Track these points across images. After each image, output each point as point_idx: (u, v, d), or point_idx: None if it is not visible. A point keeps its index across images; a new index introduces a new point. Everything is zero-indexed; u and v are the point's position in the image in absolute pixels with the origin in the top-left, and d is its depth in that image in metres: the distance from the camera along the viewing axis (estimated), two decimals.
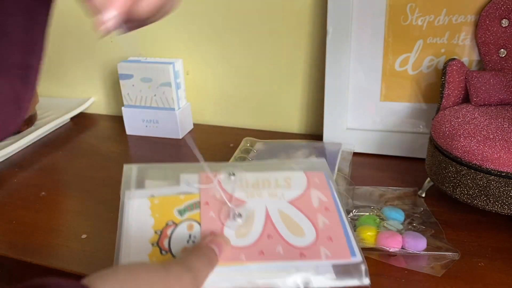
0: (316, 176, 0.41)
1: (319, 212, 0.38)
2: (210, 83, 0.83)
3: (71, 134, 0.84)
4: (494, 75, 0.58)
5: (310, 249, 0.35)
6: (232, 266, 0.33)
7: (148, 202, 0.38)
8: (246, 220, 0.36)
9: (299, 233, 0.36)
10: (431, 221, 0.53)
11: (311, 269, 0.34)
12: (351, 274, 0.34)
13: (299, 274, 0.33)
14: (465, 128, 0.51)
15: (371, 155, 0.70)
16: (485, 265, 0.46)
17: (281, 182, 0.40)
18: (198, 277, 0.30)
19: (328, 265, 0.34)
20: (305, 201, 0.39)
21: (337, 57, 0.68)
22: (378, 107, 0.69)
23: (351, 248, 0.35)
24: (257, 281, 0.33)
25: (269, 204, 0.38)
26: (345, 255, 0.35)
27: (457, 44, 0.63)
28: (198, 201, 0.38)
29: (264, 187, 0.39)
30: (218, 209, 0.37)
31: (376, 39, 0.67)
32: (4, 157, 0.74)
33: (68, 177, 0.69)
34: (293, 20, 0.74)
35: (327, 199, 0.39)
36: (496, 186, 0.47)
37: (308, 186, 0.40)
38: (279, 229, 0.36)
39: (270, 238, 0.35)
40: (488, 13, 0.59)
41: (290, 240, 0.35)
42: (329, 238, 0.36)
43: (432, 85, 0.66)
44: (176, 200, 0.38)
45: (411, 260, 0.47)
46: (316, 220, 0.37)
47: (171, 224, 0.36)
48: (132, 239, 0.35)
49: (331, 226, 0.37)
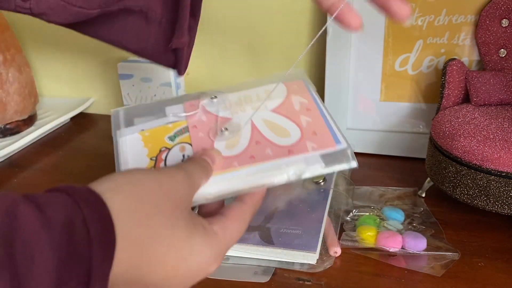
0: (295, 84, 0.42)
1: (301, 113, 0.39)
2: (210, 83, 0.83)
3: (71, 134, 0.84)
4: (494, 75, 0.58)
5: (297, 145, 0.36)
6: (226, 173, 0.35)
7: (139, 136, 0.39)
8: (234, 133, 0.38)
9: (285, 135, 0.37)
10: (431, 221, 0.53)
11: (300, 162, 0.35)
12: (339, 160, 0.35)
13: (290, 168, 0.35)
14: (465, 128, 0.51)
15: (371, 155, 0.70)
16: (485, 265, 0.46)
17: (262, 95, 0.41)
18: (192, 177, 0.31)
19: (316, 156, 0.36)
20: (286, 106, 0.40)
21: (337, 57, 0.68)
22: (378, 107, 0.69)
23: (335, 137, 0.37)
24: (252, 181, 0.34)
25: (253, 116, 0.39)
26: (330, 144, 0.36)
27: (457, 44, 0.63)
28: (186, 126, 0.39)
29: (246, 103, 0.41)
30: (206, 129, 0.39)
31: (376, 39, 0.67)
32: (4, 157, 0.74)
33: (68, 177, 0.69)
34: (293, 20, 0.74)
35: (308, 101, 0.40)
36: (496, 186, 0.47)
37: (288, 93, 0.41)
38: (266, 135, 0.38)
39: (258, 144, 0.37)
40: (488, 13, 0.59)
41: (277, 142, 0.37)
42: (313, 133, 0.37)
43: (432, 85, 0.66)
44: (165, 129, 0.39)
45: (411, 260, 0.47)
46: (299, 121, 0.38)
47: (164, 150, 0.37)
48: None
49: (314, 122, 0.38)
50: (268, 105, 0.40)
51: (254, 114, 0.39)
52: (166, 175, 0.29)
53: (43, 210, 0.22)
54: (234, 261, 0.48)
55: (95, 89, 0.93)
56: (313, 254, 0.46)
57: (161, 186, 0.28)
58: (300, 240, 0.47)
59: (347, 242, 0.49)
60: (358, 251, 0.48)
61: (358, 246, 0.49)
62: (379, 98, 0.69)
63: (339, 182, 0.60)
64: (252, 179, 0.35)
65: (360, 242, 0.49)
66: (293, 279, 0.45)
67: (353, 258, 0.48)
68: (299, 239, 0.47)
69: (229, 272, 0.46)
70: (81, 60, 0.91)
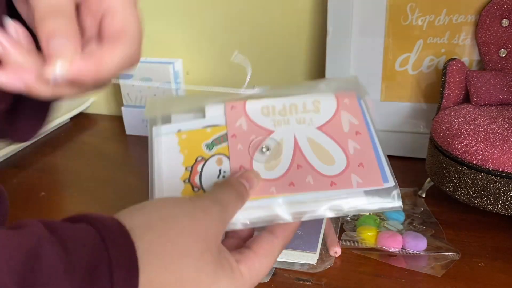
0: (346, 97, 0.39)
1: (349, 137, 0.36)
2: (210, 83, 0.83)
3: (71, 134, 0.84)
4: (494, 75, 0.58)
5: (341, 177, 0.33)
6: (262, 199, 0.33)
7: (176, 138, 0.37)
8: (275, 152, 0.35)
9: (329, 161, 0.35)
10: (431, 221, 0.53)
11: (342, 197, 0.33)
12: (383, 199, 0.33)
13: (330, 203, 0.33)
14: (465, 128, 0.51)
15: None
16: (485, 265, 0.46)
17: (309, 106, 0.38)
18: (227, 210, 0.29)
19: (360, 192, 0.33)
20: (335, 125, 0.37)
21: (337, 57, 0.68)
22: (378, 107, 0.69)
23: (384, 173, 0.34)
24: (288, 213, 0.32)
25: (297, 131, 0.37)
26: (377, 182, 0.33)
27: (457, 44, 0.63)
28: (225, 133, 0.37)
29: (291, 113, 0.38)
30: (246, 141, 0.36)
31: (376, 39, 0.66)
32: (4, 157, 0.74)
33: (68, 177, 0.69)
34: (293, 20, 0.74)
35: (358, 121, 0.37)
36: (496, 186, 0.47)
37: (337, 108, 0.38)
38: (309, 158, 0.35)
39: (299, 168, 0.34)
40: (488, 13, 0.59)
41: (320, 169, 0.34)
42: (360, 164, 0.34)
43: (432, 85, 0.66)
44: (203, 134, 0.37)
45: (411, 260, 0.47)
46: (346, 146, 0.35)
47: (200, 160, 0.35)
48: (164, 178, 0.35)
49: (362, 151, 0.35)
50: (314, 120, 0.37)
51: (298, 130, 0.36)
52: (200, 210, 0.28)
53: (67, 249, 0.21)
54: None
55: None
56: (313, 254, 0.46)
57: (194, 224, 0.26)
58: (300, 240, 0.47)
59: (347, 242, 0.49)
60: (358, 251, 0.48)
61: (358, 246, 0.49)
62: (379, 98, 0.69)
63: None
64: (289, 210, 0.32)
65: (360, 242, 0.49)
66: (293, 279, 0.45)
67: (353, 258, 0.48)
68: (299, 239, 0.47)
69: None
70: None
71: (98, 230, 0.23)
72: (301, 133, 0.36)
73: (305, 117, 0.37)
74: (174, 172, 0.35)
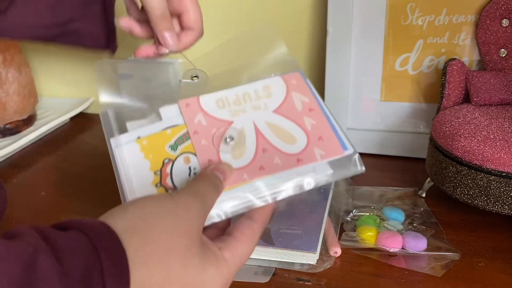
0: (292, 78, 0.41)
1: (304, 115, 0.38)
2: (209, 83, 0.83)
3: (71, 134, 0.84)
4: (494, 75, 0.58)
5: (305, 153, 0.36)
6: (236, 188, 0.34)
7: (137, 145, 0.37)
8: (239, 140, 0.37)
9: (291, 140, 0.37)
10: (431, 221, 0.53)
11: (309, 171, 0.35)
12: (347, 166, 0.36)
13: (301, 178, 0.35)
14: (465, 128, 0.51)
15: (371, 155, 0.70)
16: (485, 265, 0.46)
17: (261, 93, 0.40)
18: (206, 202, 0.31)
19: (325, 164, 0.36)
20: (288, 107, 0.39)
21: (337, 57, 0.68)
22: (378, 107, 0.69)
23: (342, 142, 0.37)
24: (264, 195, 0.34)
25: (255, 118, 0.38)
26: (338, 151, 0.36)
27: (458, 44, 0.63)
28: (186, 131, 0.37)
29: (246, 102, 0.39)
30: (209, 136, 0.37)
31: (376, 39, 0.66)
32: (4, 157, 0.74)
33: (68, 177, 0.69)
34: (293, 20, 0.74)
35: (309, 99, 0.40)
36: (496, 186, 0.47)
37: (287, 90, 0.40)
38: (272, 141, 0.37)
39: (265, 152, 0.36)
40: (488, 13, 0.59)
41: (284, 150, 0.36)
42: (319, 138, 0.37)
43: (433, 85, 0.66)
44: (164, 136, 0.37)
45: (411, 260, 0.47)
46: (303, 124, 0.38)
47: (168, 162, 0.36)
48: (135, 187, 0.35)
49: (319, 125, 0.38)
50: (268, 105, 0.39)
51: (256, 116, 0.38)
52: (182, 207, 0.28)
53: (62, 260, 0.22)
54: None
55: (95, 89, 0.93)
56: (313, 254, 0.46)
57: (177, 222, 0.27)
58: (300, 240, 0.47)
59: (347, 242, 0.49)
60: (358, 251, 0.48)
61: (358, 246, 0.49)
62: (379, 98, 0.69)
63: (339, 182, 0.60)
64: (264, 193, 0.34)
65: (360, 242, 0.49)
66: (293, 279, 0.45)
67: (353, 258, 0.48)
68: (299, 239, 0.47)
69: None
70: (81, 60, 0.91)
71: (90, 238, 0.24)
72: (259, 119, 0.38)
73: (259, 104, 0.39)
74: (143, 179, 0.35)
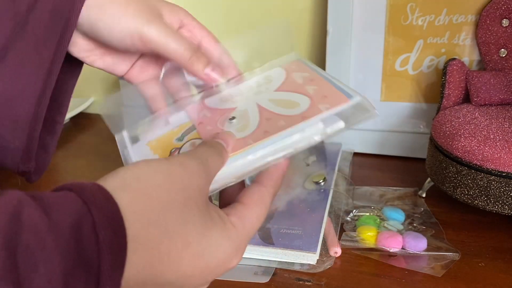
0: (293, 65, 0.41)
1: (306, 84, 0.38)
2: None
3: (71, 134, 0.84)
4: (494, 75, 0.58)
5: (310, 110, 0.34)
6: (243, 152, 0.32)
7: (147, 146, 0.38)
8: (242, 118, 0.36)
9: (295, 106, 0.35)
10: (431, 221, 0.53)
11: (318, 123, 0.33)
12: (357, 113, 0.34)
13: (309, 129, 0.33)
14: (465, 128, 0.51)
15: (371, 155, 0.70)
16: (485, 265, 0.46)
17: (262, 82, 0.40)
18: (207, 164, 0.29)
19: (333, 116, 0.34)
20: (290, 83, 0.38)
21: (337, 57, 0.68)
22: (378, 107, 0.69)
23: (346, 93, 0.35)
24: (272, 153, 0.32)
25: (258, 99, 0.38)
26: (343, 100, 0.34)
27: (458, 44, 0.63)
28: (192, 125, 0.38)
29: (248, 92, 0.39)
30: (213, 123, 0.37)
31: (376, 39, 0.66)
32: None
33: (68, 177, 0.69)
34: (294, 20, 0.74)
35: (309, 74, 0.39)
36: (496, 186, 0.47)
37: (287, 73, 0.40)
38: (275, 111, 0.36)
39: (269, 120, 0.35)
40: (488, 13, 0.59)
41: (289, 113, 0.35)
42: (323, 96, 0.35)
43: (433, 85, 0.66)
44: (172, 133, 0.38)
45: (411, 261, 0.47)
46: (306, 91, 0.37)
47: (175, 151, 0.36)
48: None
49: (321, 88, 0.36)
50: (270, 88, 0.39)
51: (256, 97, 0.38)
52: (177, 165, 0.27)
53: (49, 213, 0.21)
54: None
55: (95, 89, 0.93)
56: (313, 255, 0.46)
57: (171, 178, 0.26)
58: (300, 240, 0.47)
59: (347, 242, 0.49)
60: (358, 251, 0.48)
61: (358, 246, 0.49)
62: (379, 98, 0.69)
63: (339, 182, 0.60)
64: (272, 149, 0.32)
65: (360, 242, 0.49)
66: (293, 279, 0.45)
67: (353, 258, 0.48)
68: (299, 239, 0.47)
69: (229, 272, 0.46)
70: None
71: (78, 194, 0.23)
72: (262, 99, 0.38)
73: (261, 89, 0.39)
74: None
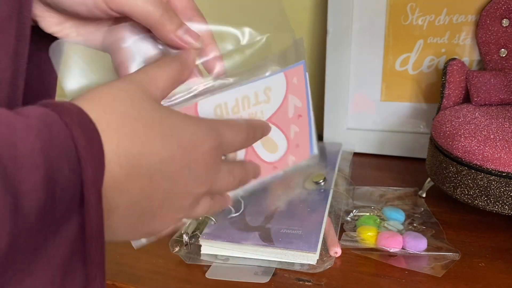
0: (294, 75, 0.40)
1: (292, 122, 0.40)
2: None
3: None
4: (494, 75, 0.58)
5: (281, 161, 0.39)
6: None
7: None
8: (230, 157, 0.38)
9: (274, 149, 0.39)
10: (431, 221, 0.53)
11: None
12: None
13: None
14: (465, 128, 0.51)
15: (371, 155, 0.70)
16: (485, 265, 0.46)
17: (261, 97, 0.39)
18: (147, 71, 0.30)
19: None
20: (282, 114, 0.40)
21: (337, 57, 0.68)
22: (378, 107, 0.69)
23: (311, 146, 0.40)
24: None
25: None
26: (306, 155, 0.40)
27: (458, 44, 0.63)
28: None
29: (244, 108, 0.38)
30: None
31: (376, 39, 0.66)
32: None
33: None
34: (293, 20, 0.74)
35: (302, 103, 0.40)
36: (496, 186, 0.47)
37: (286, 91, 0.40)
38: (258, 150, 0.39)
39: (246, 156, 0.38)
40: (488, 12, 0.59)
41: (266, 158, 0.39)
42: (297, 145, 0.40)
43: (433, 85, 0.66)
44: None
45: (412, 261, 0.47)
46: (289, 132, 0.40)
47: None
48: None
49: (301, 132, 0.40)
50: (264, 112, 0.38)
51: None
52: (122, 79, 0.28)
53: (20, 112, 0.21)
54: (234, 262, 0.47)
55: None
56: (313, 255, 0.46)
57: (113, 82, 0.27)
58: (300, 240, 0.47)
59: (347, 242, 0.49)
60: (358, 252, 0.48)
61: (358, 247, 0.49)
62: (379, 98, 0.69)
63: (339, 182, 0.60)
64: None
65: (361, 242, 0.49)
66: (293, 279, 0.45)
67: (353, 258, 0.48)
68: (299, 239, 0.47)
69: (229, 272, 0.46)
70: None
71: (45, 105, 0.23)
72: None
73: (256, 110, 0.38)
74: None
